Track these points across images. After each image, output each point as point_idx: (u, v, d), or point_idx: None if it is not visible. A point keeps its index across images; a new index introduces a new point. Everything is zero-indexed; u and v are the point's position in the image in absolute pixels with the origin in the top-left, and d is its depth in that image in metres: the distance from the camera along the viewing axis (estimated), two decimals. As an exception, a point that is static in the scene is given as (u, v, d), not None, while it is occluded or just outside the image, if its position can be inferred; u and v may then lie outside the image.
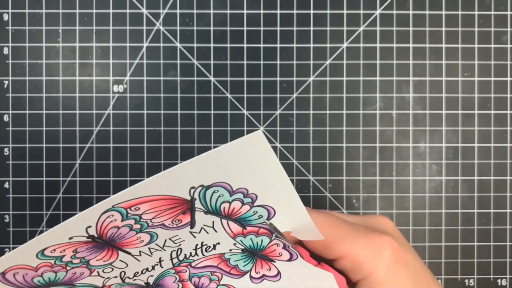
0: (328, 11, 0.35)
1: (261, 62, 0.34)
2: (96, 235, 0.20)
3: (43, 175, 0.34)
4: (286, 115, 0.35)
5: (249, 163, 0.20)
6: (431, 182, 0.35)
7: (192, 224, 0.21)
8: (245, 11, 0.34)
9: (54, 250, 0.20)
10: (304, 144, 0.35)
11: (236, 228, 0.22)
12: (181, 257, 0.22)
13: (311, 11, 0.35)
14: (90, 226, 0.20)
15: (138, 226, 0.20)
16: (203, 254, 0.23)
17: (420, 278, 0.23)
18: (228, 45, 0.34)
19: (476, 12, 0.35)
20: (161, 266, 0.23)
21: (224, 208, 0.21)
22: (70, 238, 0.20)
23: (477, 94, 0.35)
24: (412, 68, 0.35)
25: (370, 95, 0.35)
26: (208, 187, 0.20)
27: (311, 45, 0.35)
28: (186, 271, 0.23)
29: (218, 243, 0.23)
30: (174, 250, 0.22)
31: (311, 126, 0.35)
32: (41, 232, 0.34)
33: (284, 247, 0.23)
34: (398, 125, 0.35)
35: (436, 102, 0.35)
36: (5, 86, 0.34)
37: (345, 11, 0.35)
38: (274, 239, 0.22)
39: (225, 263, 0.23)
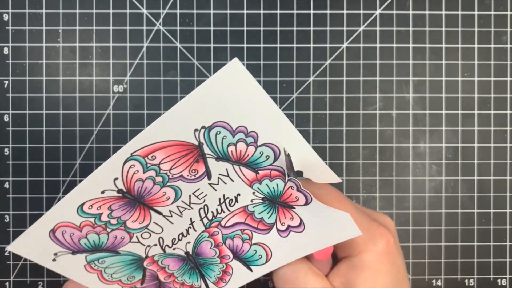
0: (328, 11, 0.35)
1: (261, 62, 0.34)
2: (124, 189, 0.22)
3: (43, 175, 0.34)
4: (286, 115, 0.35)
5: (236, 96, 0.21)
6: (431, 182, 0.35)
7: (208, 174, 0.23)
8: (245, 11, 0.34)
9: (91, 206, 0.22)
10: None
11: (249, 174, 0.23)
12: (210, 216, 0.24)
13: (311, 11, 0.35)
14: (117, 178, 0.22)
15: (160, 178, 0.22)
16: (228, 210, 0.24)
17: (399, 280, 0.25)
18: (228, 45, 0.34)
19: (476, 12, 0.35)
20: (195, 230, 0.24)
21: (231, 151, 0.22)
22: (102, 192, 0.22)
23: (477, 94, 0.35)
24: (412, 68, 0.35)
25: (370, 95, 0.35)
26: (210, 127, 0.22)
27: (311, 45, 0.35)
28: (218, 233, 0.24)
29: (239, 194, 0.24)
30: (202, 208, 0.24)
31: (311, 126, 0.35)
32: (41, 232, 0.34)
33: (298, 189, 0.23)
34: (398, 125, 0.35)
35: (436, 102, 0.35)
36: (5, 86, 0.34)
37: (345, 11, 0.35)
38: (287, 181, 0.23)
39: (251, 217, 0.24)
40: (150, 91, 0.34)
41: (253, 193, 0.24)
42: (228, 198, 0.24)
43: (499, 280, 0.35)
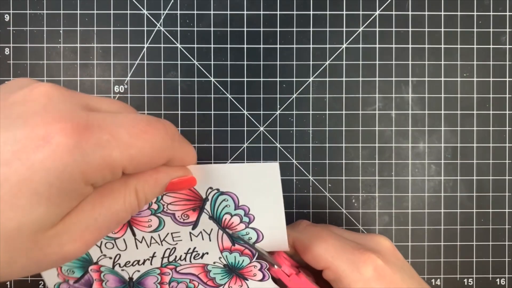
0: (328, 12, 0.35)
1: (261, 62, 0.35)
2: None
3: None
4: (286, 115, 0.35)
5: (258, 186, 0.23)
6: (430, 182, 0.35)
7: (195, 224, 0.24)
8: (245, 12, 0.35)
9: None
10: (304, 144, 0.35)
11: (227, 243, 0.25)
12: (171, 258, 0.25)
13: (311, 12, 0.35)
14: None
15: (155, 206, 0.24)
16: (190, 261, 0.26)
17: None
18: (228, 45, 0.35)
19: (475, 13, 0.35)
20: (151, 263, 0.25)
21: (225, 219, 0.24)
22: None
23: (476, 94, 0.35)
24: (411, 68, 0.35)
25: (370, 95, 0.35)
26: (222, 193, 0.24)
27: (311, 45, 0.35)
28: (169, 274, 0.26)
29: (207, 253, 0.26)
30: (170, 249, 0.25)
31: (310, 126, 0.35)
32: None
33: (261, 269, 0.26)
34: (397, 125, 0.35)
35: (435, 102, 0.35)
36: (7, 86, 0.34)
37: (344, 12, 0.35)
38: (254, 261, 0.25)
39: (205, 274, 0.26)
40: (151, 91, 0.34)
41: (220, 258, 0.26)
42: (196, 252, 0.25)
43: (498, 280, 0.35)
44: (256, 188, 0.24)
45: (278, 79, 0.35)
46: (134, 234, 0.24)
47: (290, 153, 0.35)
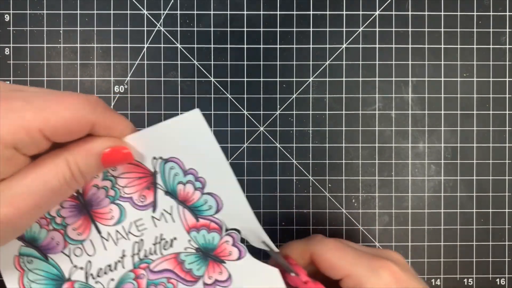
0: (328, 12, 0.35)
1: (261, 62, 0.35)
2: (80, 189, 0.24)
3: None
4: (286, 116, 0.35)
5: (193, 141, 0.23)
6: (430, 182, 0.35)
7: (154, 205, 0.24)
8: (245, 12, 0.35)
9: None
10: (304, 144, 0.35)
11: (190, 218, 0.25)
12: (142, 255, 0.25)
13: (311, 12, 0.35)
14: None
15: (112, 192, 0.24)
16: (161, 253, 0.25)
17: None
18: (228, 45, 0.35)
19: (475, 13, 0.35)
20: (123, 266, 0.25)
21: (180, 190, 0.24)
22: None
23: (476, 94, 0.35)
24: (411, 68, 0.35)
25: (369, 95, 0.35)
26: (166, 160, 0.24)
27: (311, 45, 0.35)
28: (144, 276, 0.25)
29: (175, 238, 0.25)
30: (137, 242, 0.25)
31: (310, 126, 0.35)
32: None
33: (234, 243, 0.25)
34: (397, 125, 0.35)
35: (435, 102, 0.35)
36: (7, 86, 0.34)
37: (344, 12, 0.35)
38: (224, 235, 0.25)
39: (180, 266, 0.25)
40: (151, 91, 0.34)
41: (189, 241, 0.25)
42: (164, 239, 0.25)
43: (498, 280, 0.35)
44: (190, 144, 0.23)
45: (278, 79, 0.35)
46: (99, 231, 0.24)
47: (290, 153, 0.35)
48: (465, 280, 0.35)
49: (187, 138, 0.23)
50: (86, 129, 0.21)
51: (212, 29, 0.35)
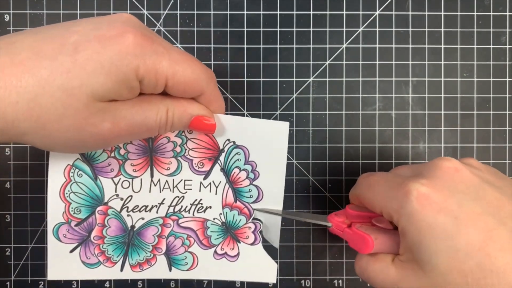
0: (328, 12, 0.35)
1: (261, 62, 0.35)
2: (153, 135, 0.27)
3: (44, 175, 0.34)
4: (286, 115, 0.35)
5: (267, 142, 0.27)
6: (430, 182, 0.35)
7: (208, 173, 0.28)
8: (245, 12, 0.35)
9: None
10: (304, 144, 0.35)
11: (230, 198, 0.28)
12: (177, 208, 0.28)
13: (311, 12, 0.35)
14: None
15: (179, 149, 0.28)
16: (193, 214, 0.28)
17: (459, 225, 0.21)
18: (228, 45, 0.35)
19: (475, 13, 0.35)
20: (157, 212, 0.28)
21: (234, 172, 0.28)
22: None
23: (476, 94, 0.35)
24: (411, 68, 0.35)
25: (370, 95, 0.35)
26: (237, 146, 0.28)
27: (311, 45, 0.35)
28: (170, 226, 0.28)
29: (210, 207, 0.28)
30: (178, 197, 0.28)
31: (310, 126, 0.35)
32: (42, 232, 0.34)
33: (254, 231, 0.29)
34: (397, 125, 0.35)
35: (435, 102, 0.35)
36: (6, 86, 0.34)
37: (344, 12, 0.35)
38: (250, 222, 0.29)
39: (203, 231, 0.29)
40: (151, 91, 0.34)
41: (220, 214, 0.29)
42: (201, 204, 0.28)
43: (498, 280, 0.35)
44: (265, 144, 0.27)
45: (278, 79, 0.35)
46: (152, 175, 0.27)
47: (290, 153, 0.35)
48: (466, 280, 0.35)
49: (265, 138, 0.27)
50: (196, 94, 0.25)
51: (212, 29, 0.35)
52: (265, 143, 0.28)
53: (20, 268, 0.34)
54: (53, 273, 0.28)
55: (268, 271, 0.29)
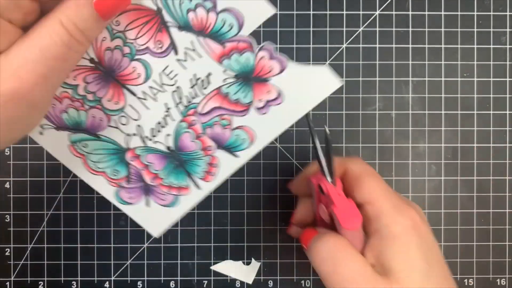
0: (328, 12, 0.35)
1: (261, 62, 0.35)
2: (95, 58, 0.23)
3: (43, 175, 0.34)
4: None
5: None
6: (430, 182, 0.35)
7: (174, 46, 0.23)
8: (245, 12, 0.35)
9: (67, 77, 0.23)
10: (304, 144, 0.35)
11: (216, 47, 0.23)
12: (185, 101, 0.24)
13: (311, 12, 0.35)
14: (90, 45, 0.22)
15: (127, 49, 0.23)
16: (202, 93, 0.24)
17: (431, 257, 0.24)
18: (228, 45, 0.34)
19: (475, 13, 0.35)
20: (172, 119, 0.24)
21: (192, 19, 0.22)
22: None
23: (476, 94, 0.35)
24: (412, 68, 0.35)
25: (370, 95, 0.35)
26: None
27: (311, 45, 0.35)
28: (197, 121, 0.24)
29: (210, 74, 0.23)
30: (175, 90, 0.24)
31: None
32: (42, 232, 0.34)
33: (271, 57, 0.24)
34: (398, 125, 0.35)
35: (436, 102, 0.35)
36: (6, 86, 0.34)
37: (344, 12, 0.35)
38: (258, 51, 0.23)
39: (227, 100, 0.24)
40: (151, 91, 0.34)
41: (224, 71, 0.24)
42: (199, 78, 0.24)
43: (498, 280, 0.35)
44: None
45: (278, 79, 0.35)
46: (133, 93, 0.24)
47: (290, 153, 0.35)
48: (466, 280, 0.35)
49: None
50: None
51: None
52: None
53: (20, 268, 0.34)
54: (154, 230, 0.25)
55: (325, 79, 0.24)
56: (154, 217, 0.25)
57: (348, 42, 0.35)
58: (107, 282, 0.35)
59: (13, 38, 0.19)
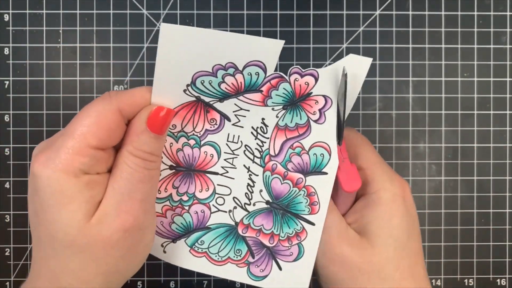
0: (328, 12, 0.35)
1: (261, 62, 0.35)
2: (173, 164, 0.25)
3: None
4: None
5: (190, 46, 0.23)
6: (430, 182, 0.35)
7: (225, 116, 0.25)
8: (245, 12, 0.35)
9: (159, 190, 0.26)
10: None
11: (256, 96, 0.25)
12: (257, 154, 0.26)
13: (311, 12, 0.35)
14: (161, 157, 0.25)
15: (193, 141, 0.25)
16: (266, 138, 0.26)
17: (412, 229, 0.25)
18: (228, 45, 0.34)
19: (475, 13, 0.35)
20: (256, 174, 0.26)
21: (225, 88, 0.25)
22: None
23: (476, 94, 0.35)
24: (412, 68, 0.35)
25: (370, 95, 0.35)
26: (192, 82, 0.24)
27: (311, 45, 0.35)
28: (276, 164, 0.26)
29: (263, 118, 0.25)
30: (244, 150, 0.26)
31: (311, 126, 0.35)
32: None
33: (301, 75, 0.25)
34: (398, 125, 0.35)
35: (436, 102, 0.35)
36: (6, 86, 0.34)
37: (344, 12, 0.35)
38: (289, 76, 0.25)
39: (287, 130, 0.26)
40: (151, 91, 0.34)
41: (272, 109, 0.25)
42: (257, 127, 0.25)
43: (498, 280, 0.35)
44: (191, 51, 0.23)
45: (278, 79, 0.35)
46: (216, 173, 0.26)
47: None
48: (466, 280, 0.35)
49: (182, 50, 0.23)
50: (117, 118, 0.23)
51: (212, 28, 0.35)
52: (189, 49, 0.23)
53: (20, 268, 0.34)
54: (303, 284, 0.26)
55: (357, 64, 0.25)
56: (293, 276, 0.26)
57: (348, 42, 0.35)
58: (107, 282, 0.35)
59: (105, 183, 0.23)
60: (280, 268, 0.26)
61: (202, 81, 0.24)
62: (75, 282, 0.22)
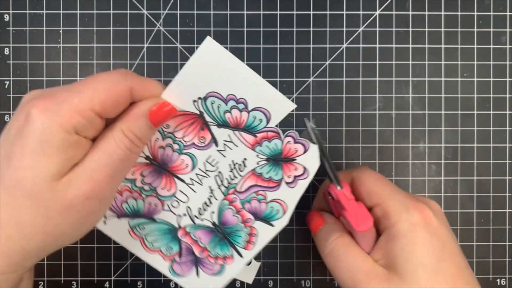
0: (328, 12, 0.35)
1: (261, 62, 0.35)
2: (150, 156, 0.27)
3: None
4: (286, 115, 0.35)
5: (219, 69, 0.25)
6: (430, 182, 0.35)
7: (215, 140, 0.27)
8: (245, 12, 0.35)
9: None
10: (304, 144, 0.35)
11: (249, 138, 0.27)
12: (226, 183, 0.28)
13: (311, 12, 0.35)
14: (145, 146, 0.26)
15: (176, 146, 0.27)
16: (240, 175, 0.28)
17: (443, 254, 0.25)
18: (228, 45, 0.34)
19: (475, 13, 0.35)
20: (216, 198, 0.28)
21: (229, 118, 0.27)
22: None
23: (476, 94, 0.35)
24: (412, 68, 0.35)
25: (370, 95, 0.35)
26: (205, 98, 0.26)
27: (311, 45, 0.35)
28: (236, 199, 0.28)
29: (245, 159, 0.28)
30: (217, 175, 0.28)
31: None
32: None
33: (295, 141, 0.28)
34: (398, 125, 0.35)
35: (436, 102, 0.35)
36: (6, 86, 0.34)
37: (344, 12, 0.35)
38: (284, 137, 0.27)
39: (261, 178, 0.28)
40: (151, 91, 0.34)
41: (257, 155, 0.28)
42: (237, 163, 0.28)
43: (498, 280, 0.35)
44: (218, 72, 0.26)
45: (278, 79, 0.35)
46: (183, 180, 0.28)
47: (290, 153, 0.35)
48: (466, 280, 0.35)
49: (214, 69, 0.25)
50: (126, 94, 0.23)
51: (212, 29, 0.35)
52: (216, 71, 0.26)
53: None
54: None
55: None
56: (207, 285, 0.29)
57: (348, 42, 0.35)
58: (107, 282, 0.35)
59: (87, 149, 0.23)
60: (198, 275, 0.29)
61: (213, 101, 0.26)
62: (16, 235, 0.21)
